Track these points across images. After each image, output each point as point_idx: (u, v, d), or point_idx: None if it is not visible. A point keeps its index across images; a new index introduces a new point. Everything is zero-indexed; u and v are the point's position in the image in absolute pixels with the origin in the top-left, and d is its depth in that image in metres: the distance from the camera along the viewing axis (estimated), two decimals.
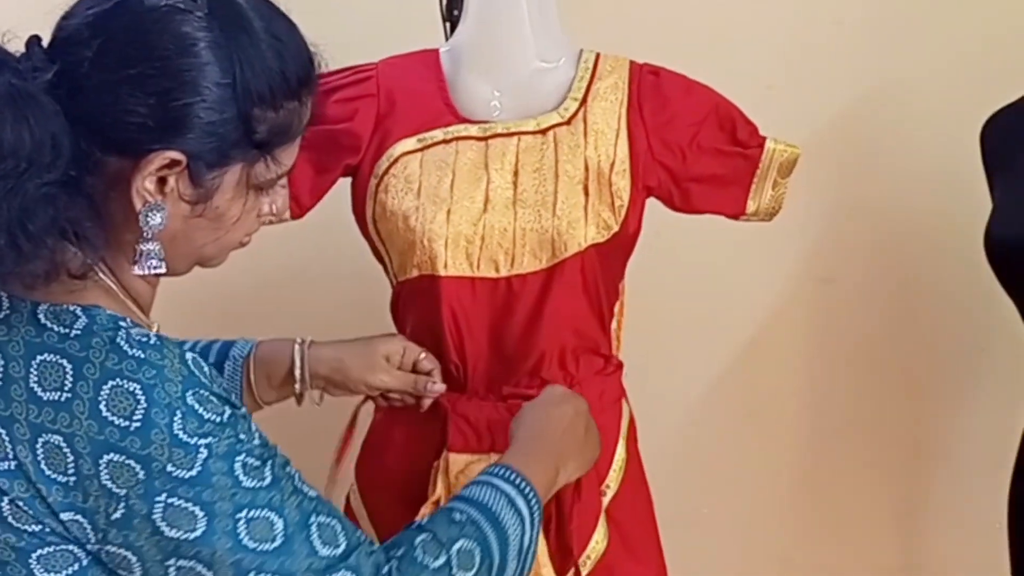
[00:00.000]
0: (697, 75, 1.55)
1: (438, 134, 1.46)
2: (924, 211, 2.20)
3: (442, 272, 1.42)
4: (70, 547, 0.95)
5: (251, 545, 0.95)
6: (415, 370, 1.45)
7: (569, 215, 1.42)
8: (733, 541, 2.34)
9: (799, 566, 2.38)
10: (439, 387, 1.44)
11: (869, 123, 2.20)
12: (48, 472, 0.93)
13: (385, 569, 1.03)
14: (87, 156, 0.94)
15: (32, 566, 0.95)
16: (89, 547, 0.95)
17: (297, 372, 1.41)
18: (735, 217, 1.57)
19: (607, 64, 1.52)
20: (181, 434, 0.93)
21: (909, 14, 2.15)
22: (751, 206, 1.56)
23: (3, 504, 0.95)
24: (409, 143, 1.46)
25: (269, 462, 0.99)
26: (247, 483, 0.96)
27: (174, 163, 0.96)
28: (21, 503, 0.94)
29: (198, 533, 0.94)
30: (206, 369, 0.99)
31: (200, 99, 0.95)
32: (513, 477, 1.15)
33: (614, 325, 1.55)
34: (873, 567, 2.38)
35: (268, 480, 0.97)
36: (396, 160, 1.46)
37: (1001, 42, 2.14)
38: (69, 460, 0.92)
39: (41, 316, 0.96)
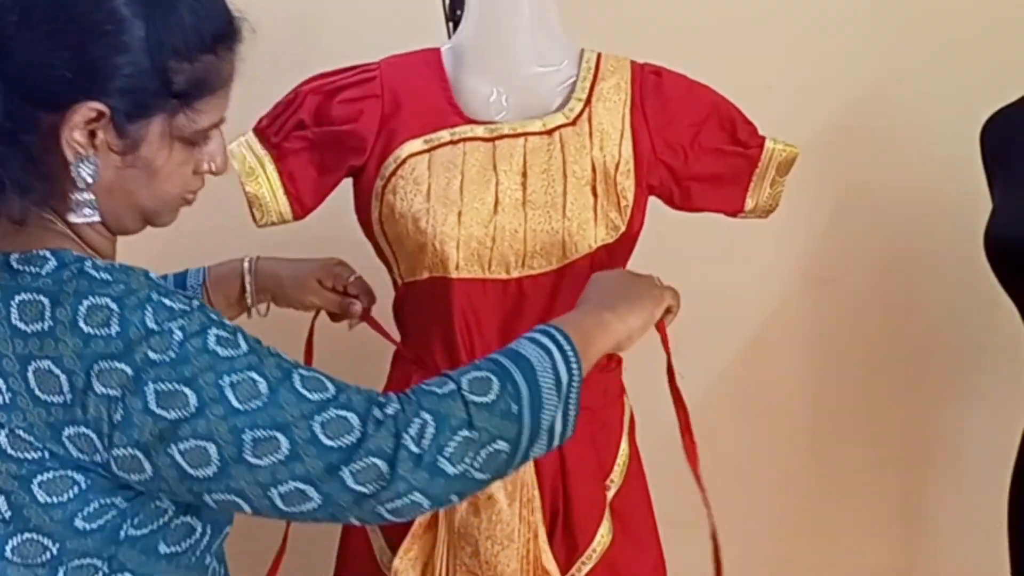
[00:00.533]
0: (697, 75, 1.55)
1: (445, 135, 1.46)
2: (924, 211, 2.20)
3: (454, 274, 1.43)
4: (68, 471, 1.00)
5: (240, 407, 1.00)
6: (346, 291, 1.55)
7: (579, 216, 1.43)
8: (732, 541, 2.33)
9: (799, 566, 2.38)
10: (356, 308, 1.54)
11: (869, 123, 2.20)
12: (43, 396, 0.99)
13: (381, 399, 1.07)
14: (20, 113, 1.01)
15: (35, 491, 1.00)
16: (99, 458, 0.99)
17: (248, 287, 1.52)
18: (733, 214, 1.59)
19: (609, 64, 1.52)
20: (153, 325, 1.00)
21: (909, 14, 2.16)
22: (749, 203, 1.58)
23: (1, 436, 1.00)
24: (416, 144, 1.46)
25: (239, 333, 1.05)
26: (223, 353, 1.01)
27: (99, 115, 1.02)
28: (20, 431, 0.99)
29: (192, 409, 0.99)
30: (166, 285, 1.06)
31: (116, 52, 1.01)
32: (535, 328, 1.18)
33: None
34: (873, 567, 2.38)
35: (244, 348, 1.03)
36: (403, 161, 1.45)
37: (1001, 42, 2.14)
38: (62, 379, 0.98)
39: (13, 263, 1.03)
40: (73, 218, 1.05)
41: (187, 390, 0.99)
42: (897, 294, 2.27)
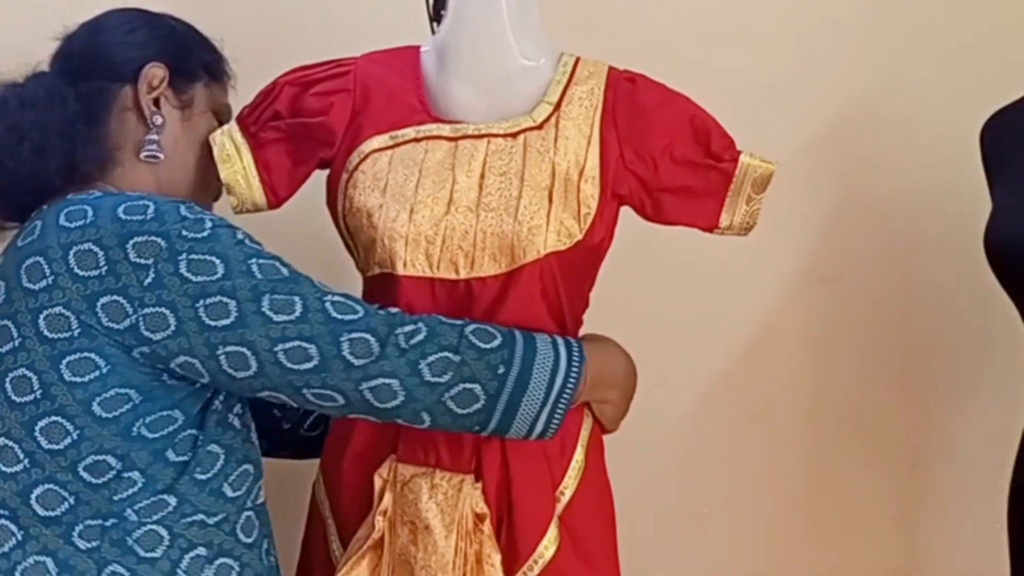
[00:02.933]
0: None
1: (410, 132, 1.47)
2: (924, 211, 2.20)
3: (400, 271, 1.42)
4: (92, 355, 1.13)
5: (261, 277, 1.17)
6: None
7: (530, 221, 1.41)
8: (733, 541, 2.34)
9: (800, 567, 2.38)
10: None
11: (869, 123, 2.20)
12: (82, 272, 1.13)
13: (386, 307, 1.29)
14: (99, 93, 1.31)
15: (62, 371, 1.13)
16: (127, 323, 1.13)
17: None
18: (709, 230, 1.56)
19: (585, 69, 1.51)
20: (187, 213, 1.17)
21: (909, 14, 2.16)
22: (724, 220, 1.54)
23: (40, 320, 1.13)
24: (380, 140, 1.47)
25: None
26: (249, 244, 1.19)
27: (162, 80, 1.31)
28: (59, 307, 1.12)
29: (219, 274, 1.15)
30: None
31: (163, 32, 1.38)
32: (567, 337, 1.33)
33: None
34: (873, 567, 2.38)
35: (264, 248, 1.21)
36: (366, 156, 1.46)
37: (1001, 42, 2.14)
38: (99, 255, 1.13)
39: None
40: (142, 155, 1.29)
41: (216, 260, 1.15)
42: (897, 294, 2.27)
